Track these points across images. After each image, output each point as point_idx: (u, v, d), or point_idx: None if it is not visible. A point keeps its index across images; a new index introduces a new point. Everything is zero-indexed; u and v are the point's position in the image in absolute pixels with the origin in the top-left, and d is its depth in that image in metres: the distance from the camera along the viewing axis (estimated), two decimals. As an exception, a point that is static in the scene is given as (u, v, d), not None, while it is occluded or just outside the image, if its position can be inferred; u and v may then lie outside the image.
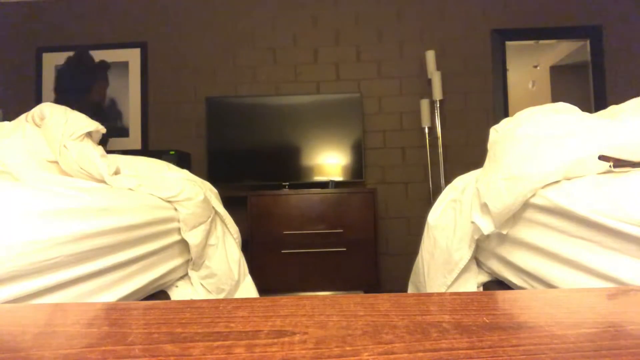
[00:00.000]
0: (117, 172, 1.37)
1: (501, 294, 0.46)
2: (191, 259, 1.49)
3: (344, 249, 2.80)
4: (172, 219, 1.38)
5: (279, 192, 2.98)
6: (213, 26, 3.64)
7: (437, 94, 3.32)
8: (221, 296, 1.55)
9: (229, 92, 3.59)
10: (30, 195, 0.84)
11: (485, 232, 1.14)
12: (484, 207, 1.14)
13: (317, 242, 2.76)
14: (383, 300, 0.43)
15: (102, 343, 0.33)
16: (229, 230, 1.69)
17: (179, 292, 1.45)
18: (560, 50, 4.86)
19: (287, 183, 3.20)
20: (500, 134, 1.27)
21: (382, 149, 3.47)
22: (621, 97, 1.36)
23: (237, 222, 1.77)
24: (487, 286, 1.31)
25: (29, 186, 0.95)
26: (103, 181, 1.31)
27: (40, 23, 3.71)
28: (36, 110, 1.41)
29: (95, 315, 0.41)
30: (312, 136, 3.28)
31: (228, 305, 0.42)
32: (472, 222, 1.20)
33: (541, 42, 3.91)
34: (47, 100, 3.34)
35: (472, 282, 1.32)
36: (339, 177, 3.22)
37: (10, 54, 3.72)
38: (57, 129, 1.32)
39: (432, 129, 3.43)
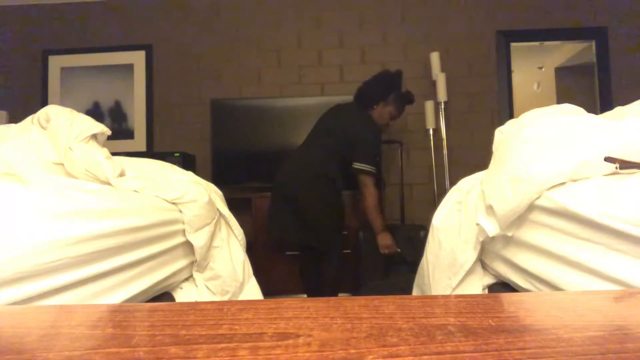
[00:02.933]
0: (122, 174, 1.38)
1: (507, 297, 0.46)
2: (196, 260, 1.49)
3: (349, 251, 2.79)
4: (177, 221, 1.39)
5: (283, 194, 2.97)
6: (218, 28, 3.66)
7: (442, 96, 3.32)
8: (225, 298, 1.55)
9: (234, 94, 3.60)
10: (36, 197, 0.85)
11: (491, 234, 1.13)
12: (489, 208, 1.14)
13: (322, 244, 2.75)
14: (388, 303, 0.43)
15: (106, 345, 0.33)
16: (233, 232, 1.69)
17: (184, 294, 1.46)
18: (565, 52, 4.85)
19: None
20: (505, 136, 1.26)
21: (386, 150, 3.47)
22: (627, 98, 1.36)
23: (242, 224, 1.78)
24: (492, 288, 1.31)
25: (34, 188, 0.95)
26: (108, 183, 1.31)
27: (46, 26, 3.73)
28: (42, 113, 1.41)
29: (99, 317, 0.41)
30: (317, 138, 3.27)
31: (232, 307, 0.42)
32: (477, 224, 1.20)
33: (546, 43, 3.90)
34: (53, 102, 3.36)
35: (477, 285, 1.32)
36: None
37: (16, 56, 3.75)
38: (63, 131, 1.33)
39: (437, 130, 3.42)
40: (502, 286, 1.26)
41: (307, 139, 2.56)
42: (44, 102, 3.65)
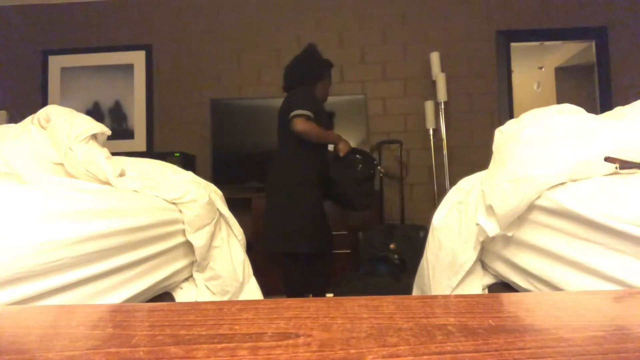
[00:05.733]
0: (122, 174, 1.38)
1: (507, 297, 0.46)
2: (196, 260, 1.49)
3: (349, 251, 2.80)
4: (177, 221, 1.39)
5: (283, 193, 2.97)
6: (218, 28, 3.66)
7: (442, 96, 3.32)
8: (225, 298, 1.55)
9: (234, 94, 3.60)
10: (36, 197, 0.85)
11: (491, 234, 1.13)
12: (489, 208, 1.14)
13: (322, 244, 2.75)
14: (388, 303, 0.43)
15: (106, 345, 0.33)
16: (233, 232, 1.69)
17: (184, 294, 1.45)
18: (565, 52, 4.85)
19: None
20: (505, 136, 1.26)
21: (386, 150, 3.47)
22: (627, 98, 1.36)
23: (242, 224, 1.78)
24: (492, 288, 1.31)
25: (34, 188, 0.95)
26: (108, 183, 1.31)
27: (46, 26, 3.74)
28: (42, 113, 1.41)
29: (99, 317, 0.41)
30: (317, 138, 3.27)
31: (232, 307, 0.42)
32: (477, 224, 1.20)
33: (546, 43, 3.90)
34: (53, 102, 3.36)
35: (477, 285, 1.32)
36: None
37: (16, 56, 3.74)
38: (63, 131, 1.33)
39: (437, 130, 3.42)
40: (502, 286, 1.26)
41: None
42: (44, 102, 3.65)
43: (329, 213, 2.74)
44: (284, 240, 2.30)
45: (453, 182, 1.56)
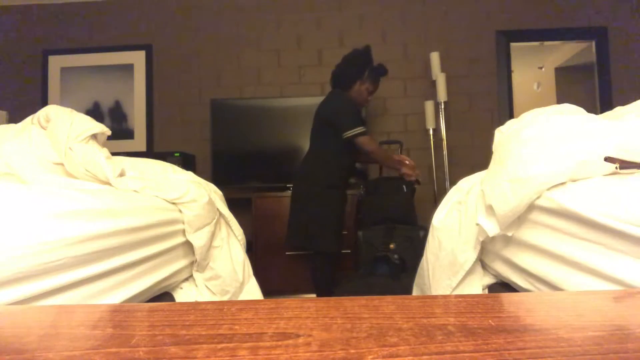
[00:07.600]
0: (122, 174, 1.38)
1: (507, 297, 0.46)
2: (196, 260, 1.49)
3: (349, 251, 2.79)
4: (177, 221, 1.39)
5: (283, 194, 2.98)
6: (218, 28, 3.65)
7: (442, 96, 3.32)
8: (225, 298, 1.55)
9: (234, 94, 3.60)
10: (36, 197, 0.85)
11: (491, 234, 1.13)
12: (489, 209, 1.14)
13: (322, 244, 2.74)
14: (388, 303, 0.43)
15: (106, 345, 0.33)
16: (233, 232, 1.69)
17: (184, 294, 1.46)
18: (565, 52, 4.84)
19: (291, 185, 3.20)
20: (505, 136, 1.26)
21: (386, 150, 3.46)
22: (627, 98, 1.36)
23: (241, 223, 1.78)
24: (492, 288, 1.31)
25: (34, 188, 0.95)
26: (108, 183, 1.31)
27: (46, 26, 3.73)
28: (42, 113, 1.41)
29: (99, 317, 0.41)
30: (317, 138, 3.27)
31: (232, 307, 0.42)
32: (477, 224, 1.20)
33: (546, 43, 3.90)
34: (53, 102, 3.36)
35: (477, 284, 1.32)
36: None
37: (16, 56, 3.74)
38: (63, 131, 1.33)
39: (437, 130, 3.42)
40: (502, 286, 1.26)
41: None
42: (44, 102, 3.65)
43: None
44: (314, 240, 2.41)
45: (453, 182, 1.56)
